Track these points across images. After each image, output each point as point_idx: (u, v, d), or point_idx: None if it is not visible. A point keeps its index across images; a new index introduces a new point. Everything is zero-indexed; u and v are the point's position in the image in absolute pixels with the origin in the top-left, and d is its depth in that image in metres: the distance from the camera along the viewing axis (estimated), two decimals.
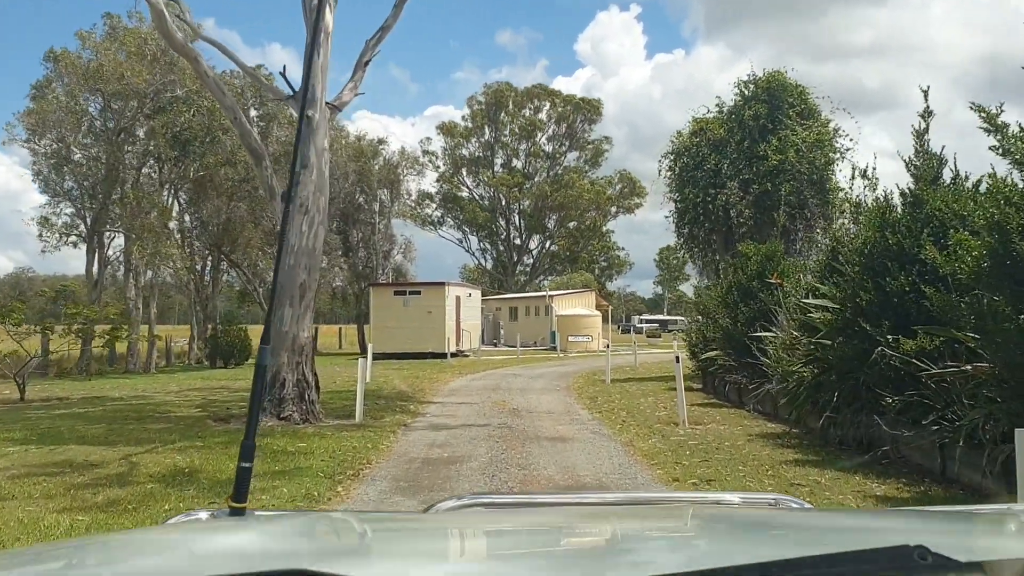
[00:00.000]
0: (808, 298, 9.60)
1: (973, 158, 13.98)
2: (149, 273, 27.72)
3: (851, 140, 18.93)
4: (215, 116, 24.09)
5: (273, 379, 12.63)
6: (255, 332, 46.62)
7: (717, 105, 20.22)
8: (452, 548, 1.52)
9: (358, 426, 11.94)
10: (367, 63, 14.29)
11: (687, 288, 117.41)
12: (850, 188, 19.01)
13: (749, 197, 18.31)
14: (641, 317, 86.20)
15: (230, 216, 27.05)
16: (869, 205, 9.45)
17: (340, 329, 46.75)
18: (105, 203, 24.90)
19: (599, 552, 1.48)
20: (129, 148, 25.87)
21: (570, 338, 38.33)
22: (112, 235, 25.97)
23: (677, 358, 11.50)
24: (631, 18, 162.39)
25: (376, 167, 37.73)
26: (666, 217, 20.59)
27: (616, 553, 1.42)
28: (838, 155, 18.57)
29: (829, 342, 8.75)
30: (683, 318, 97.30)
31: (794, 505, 1.86)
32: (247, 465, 1.75)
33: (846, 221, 19.42)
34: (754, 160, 18.55)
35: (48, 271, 62.48)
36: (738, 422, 11.81)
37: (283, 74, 15.76)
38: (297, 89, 13.21)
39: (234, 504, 1.68)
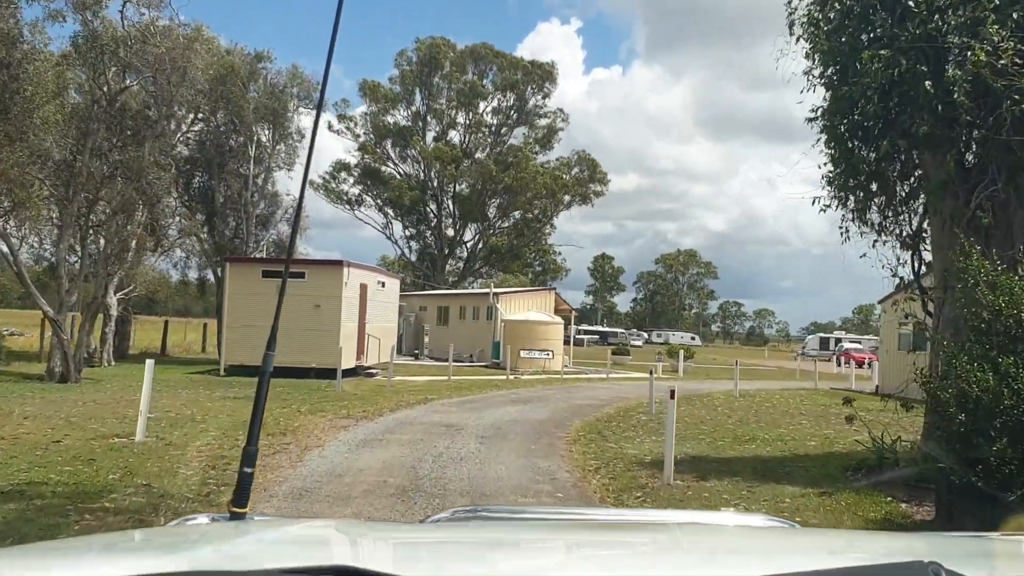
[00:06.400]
0: None
1: None
2: None
3: None
4: None
5: None
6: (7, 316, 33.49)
7: None
8: (446, 556, 1.54)
9: None
10: None
11: (620, 299, 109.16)
12: None
13: None
14: (579, 328, 77.38)
15: None
16: None
17: (205, 325, 34.37)
18: None
19: (584, 567, 1.47)
20: None
21: (523, 353, 27.16)
22: None
23: None
24: (571, 32, 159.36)
25: (254, 94, 25.76)
26: (812, 146, 9.47)
27: (602, 568, 1.42)
28: None
29: None
30: (623, 330, 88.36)
31: (785, 526, 1.92)
32: (249, 470, 1.81)
33: None
34: None
35: None
36: None
37: None
38: None
39: (235, 509, 1.72)
